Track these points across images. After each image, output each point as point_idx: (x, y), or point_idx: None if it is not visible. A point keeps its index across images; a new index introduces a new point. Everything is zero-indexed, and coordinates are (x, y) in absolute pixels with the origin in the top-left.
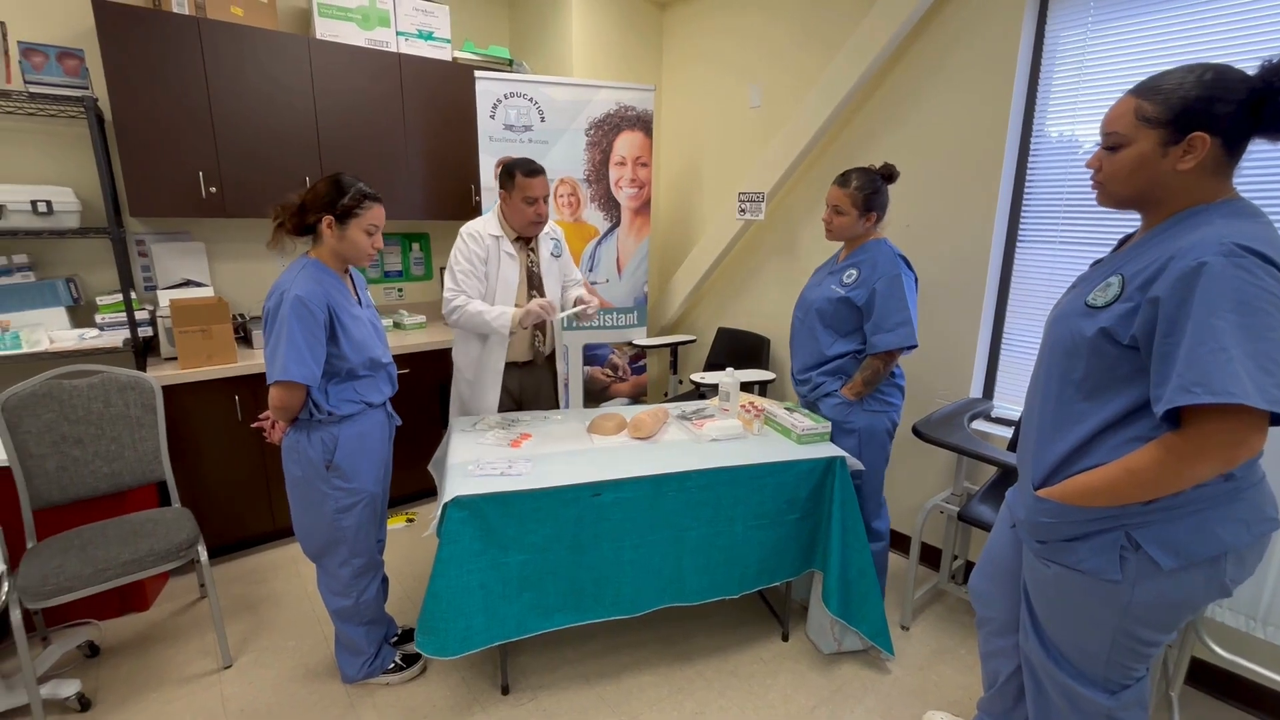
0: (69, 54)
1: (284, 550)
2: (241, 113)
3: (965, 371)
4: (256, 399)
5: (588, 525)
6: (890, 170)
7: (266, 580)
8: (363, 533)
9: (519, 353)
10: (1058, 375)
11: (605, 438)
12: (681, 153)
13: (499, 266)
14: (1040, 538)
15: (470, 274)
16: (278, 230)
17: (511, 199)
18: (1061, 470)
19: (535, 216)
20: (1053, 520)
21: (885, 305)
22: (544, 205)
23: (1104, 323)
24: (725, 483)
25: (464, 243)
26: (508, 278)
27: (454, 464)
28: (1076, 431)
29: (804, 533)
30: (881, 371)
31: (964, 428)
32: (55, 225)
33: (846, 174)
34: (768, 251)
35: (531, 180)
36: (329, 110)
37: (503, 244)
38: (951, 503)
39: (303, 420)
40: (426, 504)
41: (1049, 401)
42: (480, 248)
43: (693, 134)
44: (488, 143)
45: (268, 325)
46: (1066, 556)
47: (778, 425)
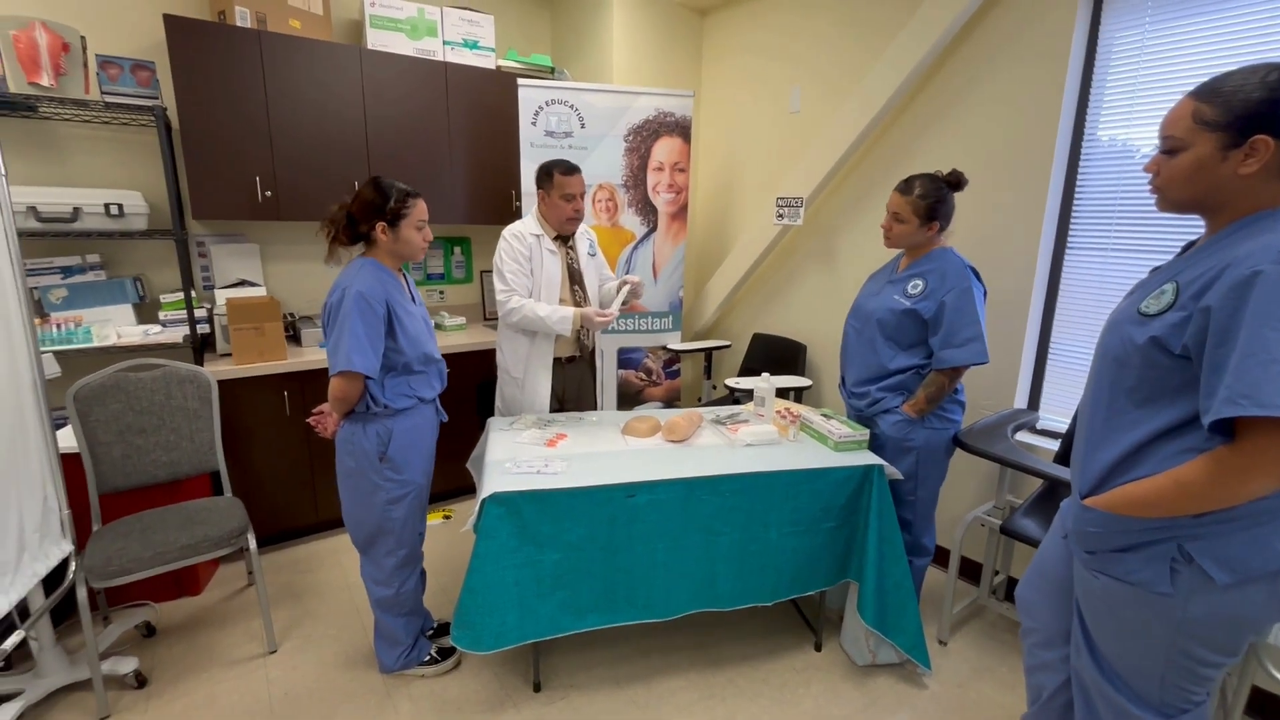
0: (142, 66)
1: (327, 542)
2: (296, 121)
3: (1010, 382)
4: (305, 395)
5: (621, 526)
6: (958, 178)
7: (310, 570)
8: (409, 524)
9: (565, 348)
10: (1109, 383)
11: (640, 440)
12: (719, 158)
13: (542, 264)
14: (1089, 547)
15: (519, 273)
16: (332, 245)
17: (550, 197)
18: (1110, 479)
19: (573, 213)
20: (1100, 530)
21: (955, 319)
22: (581, 202)
23: (1155, 331)
24: (759, 488)
25: (508, 243)
26: (551, 274)
27: (491, 461)
28: (1126, 440)
29: (839, 542)
30: (947, 388)
31: (1008, 438)
32: (125, 227)
33: (910, 180)
34: (805, 257)
35: (569, 178)
36: (378, 118)
37: (544, 242)
38: (993, 516)
39: (359, 413)
40: (462, 501)
41: (1100, 409)
42: (524, 247)
43: (731, 139)
44: (529, 149)
45: (329, 320)
46: (1115, 567)
47: (814, 432)
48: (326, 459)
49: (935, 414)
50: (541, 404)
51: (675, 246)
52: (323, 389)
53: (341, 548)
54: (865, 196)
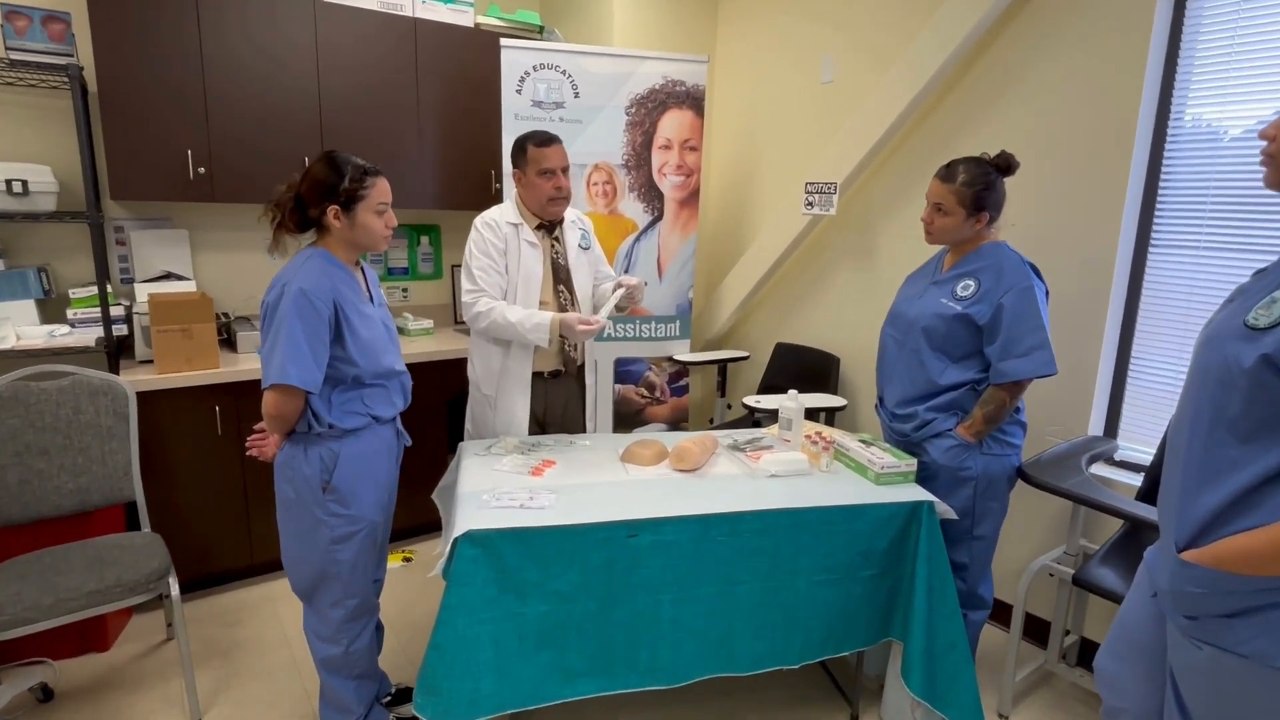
0: (55, 17)
1: (263, 588)
2: (237, 86)
3: (1082, 404)
4: (241, 411)
5: (620, 572)
6: (1008, 160)
7: (242, 622)
8: (359, 569)
9: (546, 360)
10: (1208, 411)
11: (642, 468)
12: (738, 135)
13: (520, 258)
14: (1189, 612)
15: (490, 269)
16: (278, 232)
17: (526, 175)
18: (1214, 529)
19: (554, 191)
20: (1203, 590)
21: (1016, 324)
22: (564, 178)
23: (1268, 348)
24: (786, 528)
25: (479, 233)
26: (530, 270)
27: (465, 493)
28: (1232, 482)
29: (881, 593)
30: (1008, 406)
31: (1081, 471)
32: (30, 208)
33: (952, 165)
34: (839, 253)
35: (545, 149)
36: (334, 84)
37: (523, 232)
38: (1064, 564)
39: (299, 433)
40: (427, 541)
41: (1197, 442)
42: (498, 237)
43: (751, 113)
44: (513, 121)
45: (266, 322)
46: (1224, 636)
47: (850, 460)
48: (266, 488)
49: (994, 438)
50: (518, 428)
51: (684, 239)
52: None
53: (280, 595)
54: (910, 183)
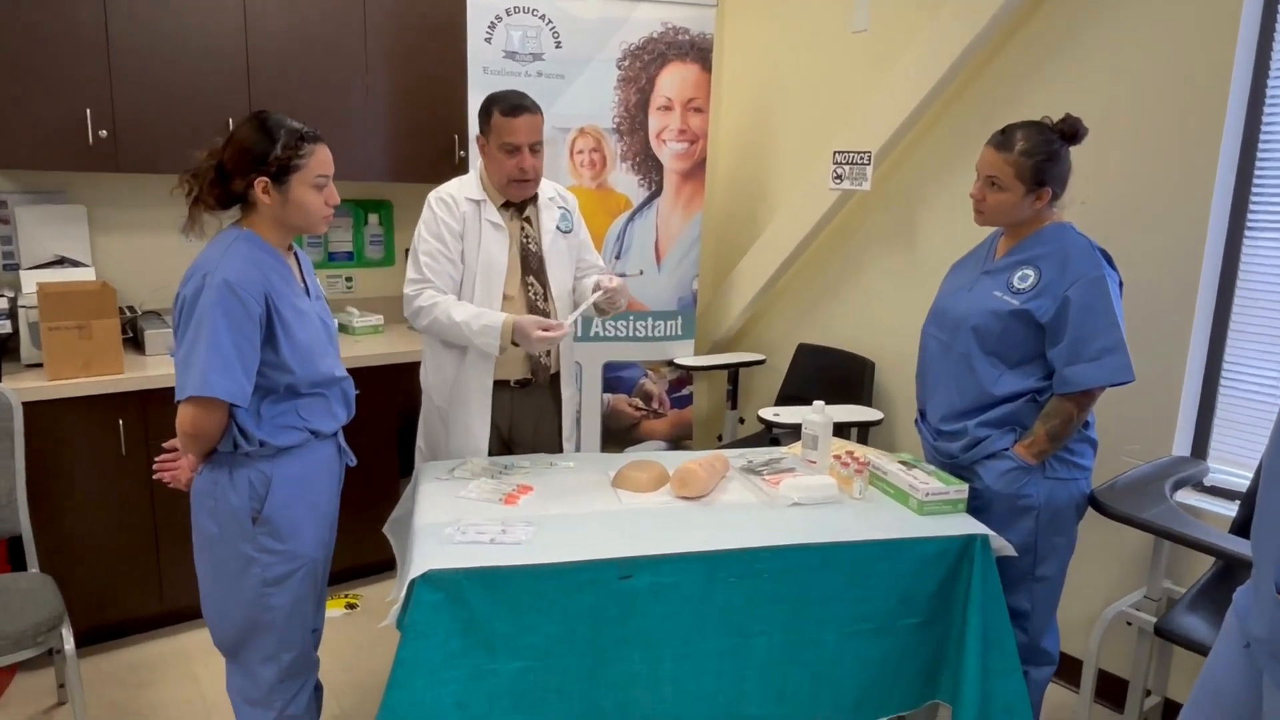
0: None
1: (175, 642)
2: (148, 31)
3: (1166, 418)
4: (149, 425)
5: (611, 623)
6: (1075, 126)
7: (152, 683)
8: (297, 617)
9: (512, 367)
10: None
11: (638, 495)
12: (752, 95)
13: (480, 242)
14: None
15: (439, 255)
16: (194, 208)
17: (489, 146)
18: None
19: (516, 172)
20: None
21: (1085, 322)
22: (531, 157)
23: None
24: (812, 568)
25: (431, 211)
26: (492, 257)
27: (424, 525)
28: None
29: (926, 646)
30: (1076, 420)
31: (1165, 499)
32: None
33: (1008, 131)
34: (873, 236)
35: (512, 120)
36: (265, 32)
37: (485, 211)
38: (1144, 610)
39: (222, 454)
40: (376, 583)
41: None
42: (453, 217)
43: (769, 68)
44: (481, 76)
45: (182, 320)
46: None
47: (889, 486)
48: (179, 520)
49: (1060, 458)
50: (474, 448)
51: (688, 219)
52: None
53: (197, 649)
54: (960, 152)
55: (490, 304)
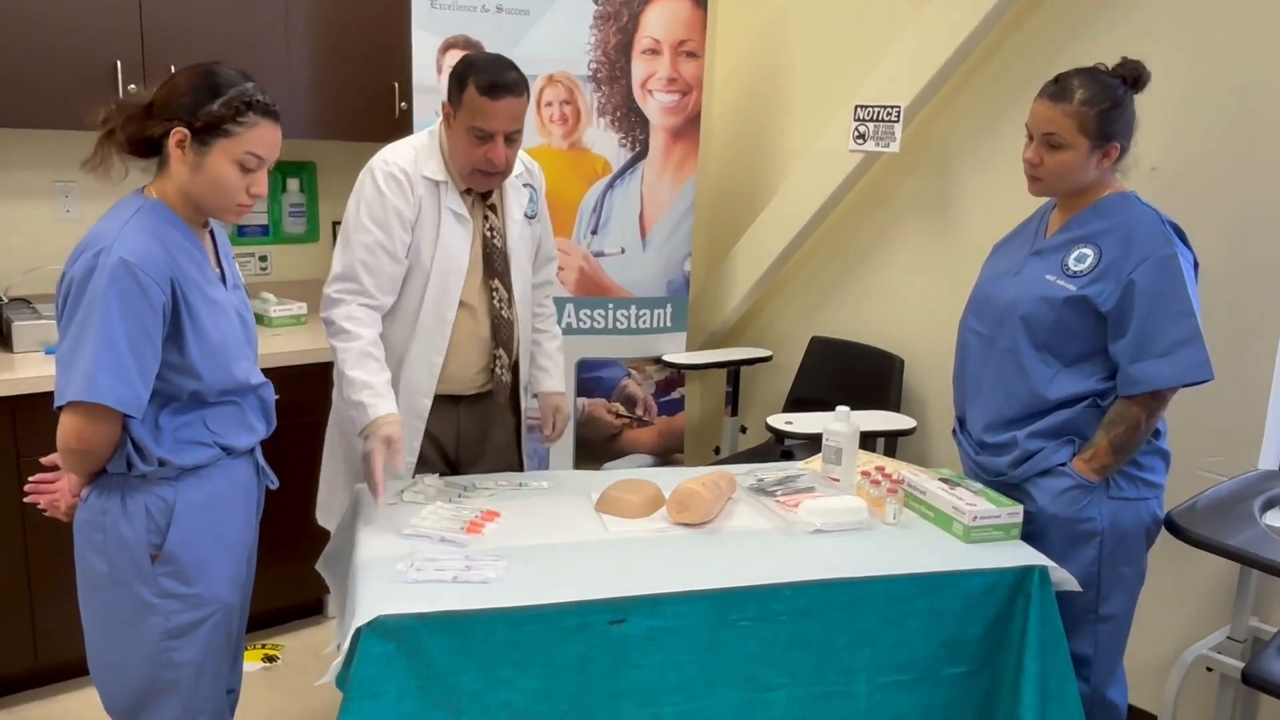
0: None
1: (53, 705)
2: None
3: (1251, 427)
4: (18, 438)
5: (601, 676)
6: (1137, 70)
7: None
8: (208, 674)
9: (465, 378)
10: None
11: (628, 521)
12: (755, 37)
13: (438, 235)
14: None
15: (379, 249)
16: (104, 140)
17: (455, 123)
18: None
19: (484, 163)
20: None
21: (1154, 311)
22: (505, 148)
23: None
24: (839, 607)
25: (376, 189)
26: (452, 252)
27: (369, 561)
28: None
29: (973, 699)
30: (1144, 428)
31: (1255, 521)
32: None
33: (1063, 80)
34: (903, 208)
35: (490, 102)
36: None
37: (445, 195)
38: (1228, 653)
39: (113, 475)
40: (299, 629)
41: None
42: (406, 201)
43: (776, 6)
44: (427, 12)
45: (68, 306)
46: None
47: (928, 509)
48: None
49: (1126, 474)
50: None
51: (678, 186)
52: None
53: (80, 714)
54: (1005, 107)
55: (444, 311)
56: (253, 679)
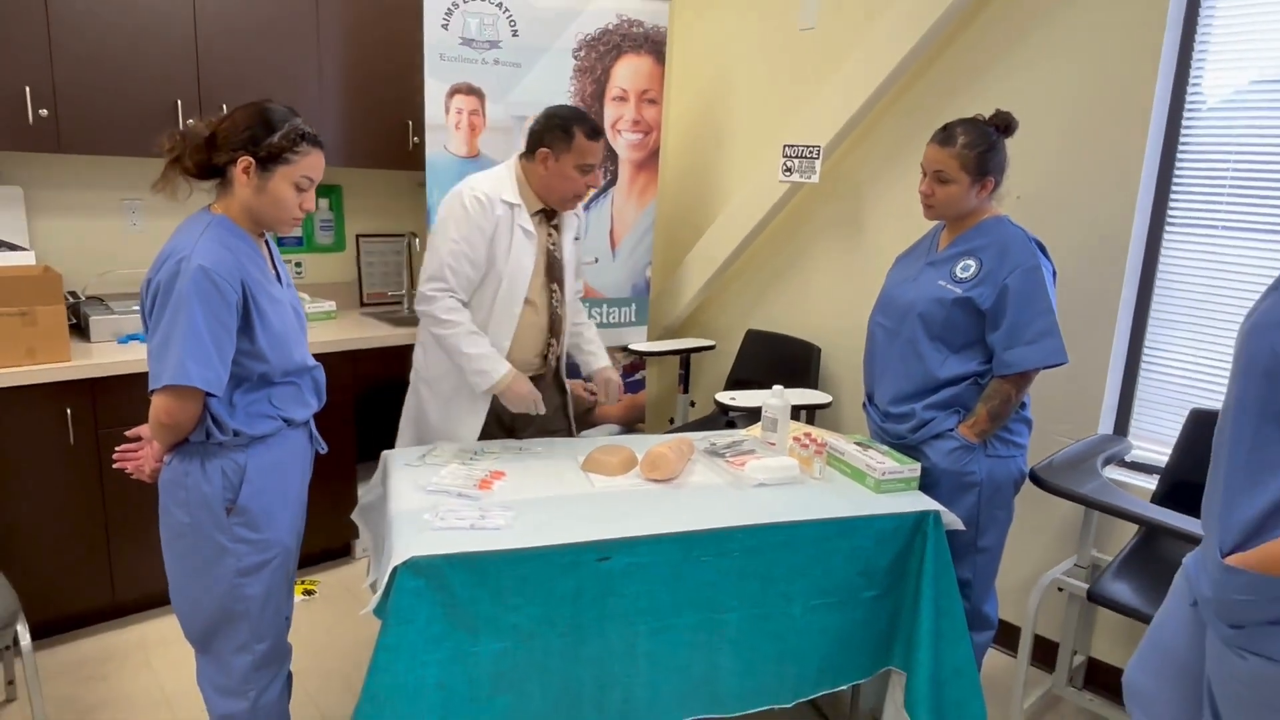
0: None
1: (130, 633)
2: (91, 7)
3: (1093, 400)
4: (98, 414)
5: (590, 603)
6: (1007, 120)
7: (106, 676)
8: (272, 605)
9: (524, 362)
10: (1254, 406)
11: (609, 479)
12: (703, 88)
13: (510, 246)
14: (1235, 621)
15: (462, 256)
16: (170, 167)
17: (558, 161)
18: (1262, 533)
19: (584, 190)
20: (1251, 597)
21: (1022, 308)
22: (599, 175)
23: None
24: (779, 545)
25: (464, 210)
26: (521, 262)
27: (401, 512)
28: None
29: (881, 617)
30: (1014, 400)
31: (1098, 474)
32: None
33: (948, 128)
34: (821, 227)
35: (595, 144)
36: (214, 11)
37: (519, 216)
38: (1075, 577)
39: (194, 444)
40: (332, 569)
41: (1242, 440)
42: (487, 219)
43: (720, 62)
44: (437, 63)
45: (155, 306)
46: (1268, 645)
47: (846, 466)
48: (131, 510)
49: (999, 438)
50: (468, 437)
51: (641, 207)
52: (125, 404)
53: (151, 640)
54: (904, 148)
55: (512, 306)
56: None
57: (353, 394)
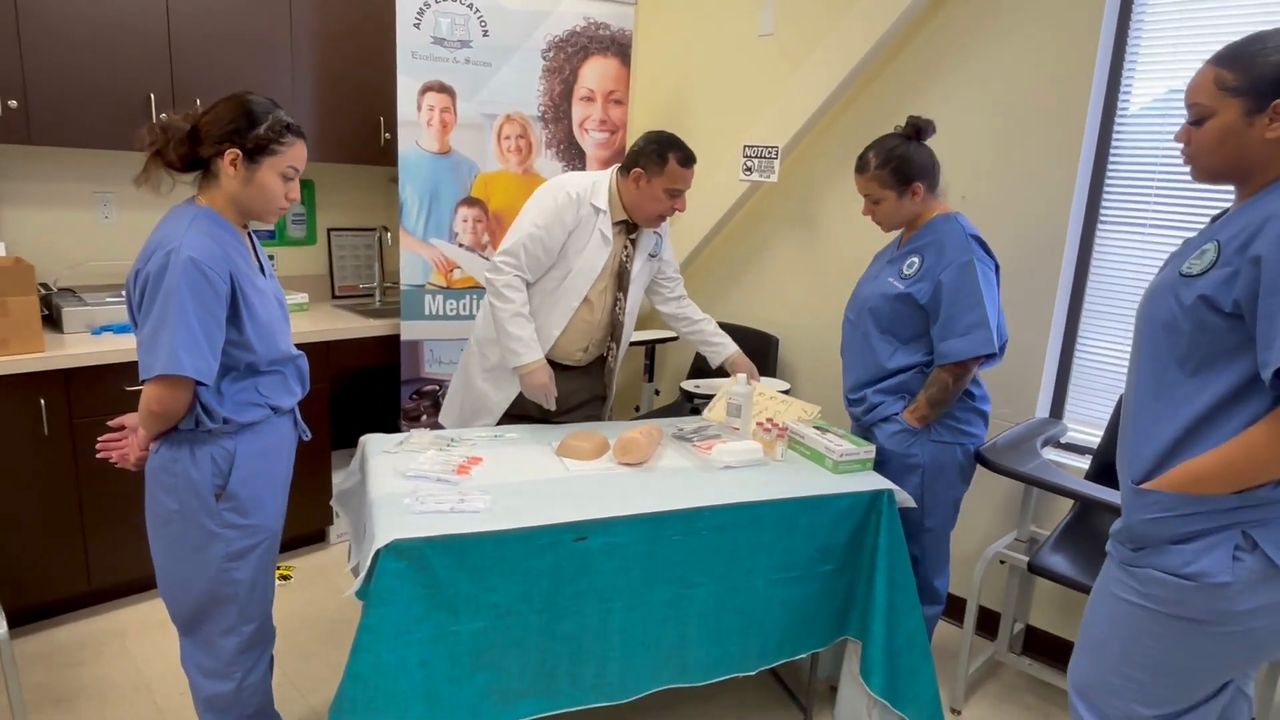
0: None
1: (106, 619)
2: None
3: (1031, 385)
4: (71, 404)
5: (566, 581)
6: (917, 125)
7: (83, 662)
8: (259, 588)
9: (568, 353)
10: (1159, 354)
11: (582, 463)
12: (667, 89)
13: (586, 245)
14: (1141, 542)
15: (540, 242)
16: (153, 159)
17: (651, 183)
18: (1168, 462)
19: (670, 212)
20: (1159, 516)
21: (955, 302)
22: (684, 201)
23: (1203, 289)
24: (744, 524)
25: (554, 201)
26: (591, 262)
27: (381, 497)
28: (1183, 414)
29: (838, 589)
30: (951, 389)
31: (1037, 455)
32: None
33: (863, 156)
34: (778, 224)
35: (686, 171)
36: (187, 4)
37: (602, 220)
38: (1016, 550)
39: (183, 431)
40: (306, 554)
41: (1148, 385)
42: (572, 216)
43: (683, 65)
44: (409, 60)
45: (146, 297)
46: (1169, 559)
47: (806, 449)
48: (106, 498)
49: (946, 425)
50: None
51: None
52: (99, 394)
53: (129, 626)
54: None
55: (571, 299)
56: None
57: (327, 383)
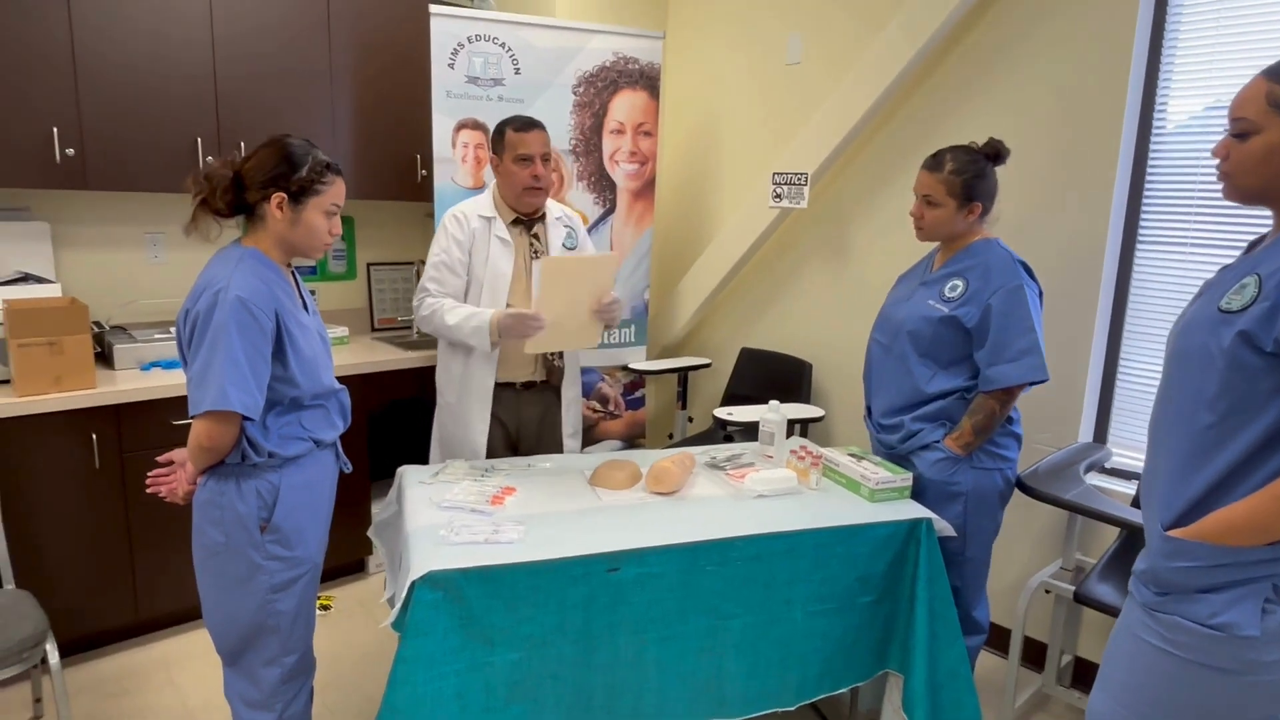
0: None
1: (153, 650)
2: (116, 50)
3: (1073, 410)
4: (123, 439)
5: (600, 611)
6: (997, 148)
7: (129, 692)
8: (302, 619)
9: (516, 368)
10: (1189, 395)
11: (615, 492)
12: (697, 120)
13: (488, 255)
14: (1166, 588)
15: (443, 266)
16: (200, 208)
17: (503, 163)
18: (1200, 510)
19: (530, 180)
20: (1189, 564)
21: (1005, 327)
22: (543, 167)
23: (1243, 325)
24: (780, 553)
25: (443, 227)
26: (499, 268)
27: (417, 529)
28: (1216, 461)
29: (878, 621)
30: (998, 415)
31: (1081, 480)
32: None
33: (939, 154)
34: (809, 249)
35: (524, 135)
36: (232, 51)
37: (495, 227)
38: (1061, 579)
39: (229, 465)
40: (346, 584)
41: (1178, 427)
42: (462, 232)
43: (711, 97)
44: (444, 99)
45: (195, 335)
46: (1196, 609)
47: (841, 477)
48: (154, 531)
49: (986, 451)
50: (474, 448)
51: (639, 233)
52: (148, 428)
53: (174, 656)
54: (887, 174)
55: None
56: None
57: (366, 415)
